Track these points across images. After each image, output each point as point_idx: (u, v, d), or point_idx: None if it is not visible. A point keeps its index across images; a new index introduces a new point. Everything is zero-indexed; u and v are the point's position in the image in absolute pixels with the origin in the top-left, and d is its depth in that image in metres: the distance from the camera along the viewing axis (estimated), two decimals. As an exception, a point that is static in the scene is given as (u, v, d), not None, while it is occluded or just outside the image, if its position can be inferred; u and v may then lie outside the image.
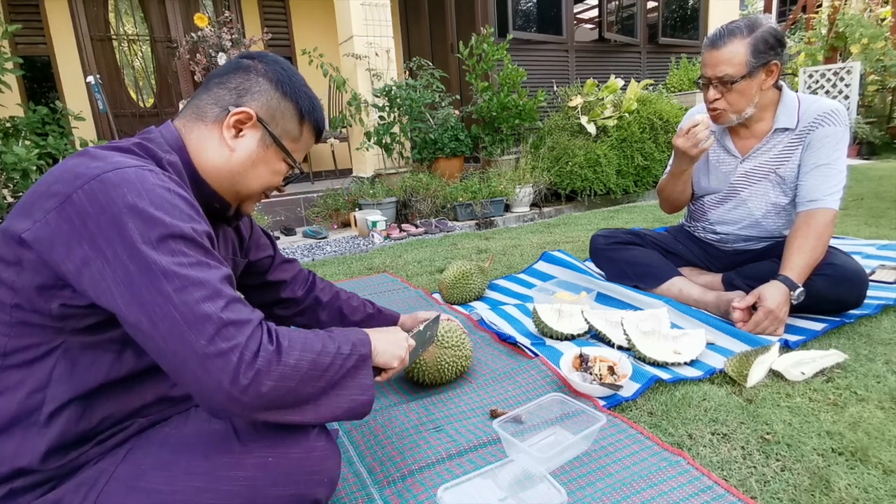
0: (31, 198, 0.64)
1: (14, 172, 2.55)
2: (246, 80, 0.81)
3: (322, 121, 0.90)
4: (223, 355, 0.59)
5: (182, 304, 0.59)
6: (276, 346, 0.64)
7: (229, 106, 0.79)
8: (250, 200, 0.88)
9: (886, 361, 1.25)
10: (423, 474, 0.95)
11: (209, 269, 0.63)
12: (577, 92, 4.54)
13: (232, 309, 0.62)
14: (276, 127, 0.82)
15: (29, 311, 0.63)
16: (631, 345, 1.35)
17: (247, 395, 0.60)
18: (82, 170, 0.62)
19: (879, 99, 6.52)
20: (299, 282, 1.19)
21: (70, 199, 0.60)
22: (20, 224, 0.62)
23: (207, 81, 0.83)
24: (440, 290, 1.93)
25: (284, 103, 0.83)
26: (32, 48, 4.89)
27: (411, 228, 3.41)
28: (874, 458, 0.92)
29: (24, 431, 0.63)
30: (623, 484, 0.90)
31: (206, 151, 0.79)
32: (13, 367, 0.63)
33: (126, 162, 0.65)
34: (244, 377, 0.59)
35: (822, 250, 1.44)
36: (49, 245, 0.60)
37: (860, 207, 3.08)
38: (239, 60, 0.83)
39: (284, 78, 0.83)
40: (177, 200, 0.64)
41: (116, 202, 0.60)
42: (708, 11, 6.50)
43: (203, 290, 0.61)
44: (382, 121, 3.95)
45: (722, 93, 1.52)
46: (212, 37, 4.26)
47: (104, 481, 0.65)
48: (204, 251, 0.65)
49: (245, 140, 0.80)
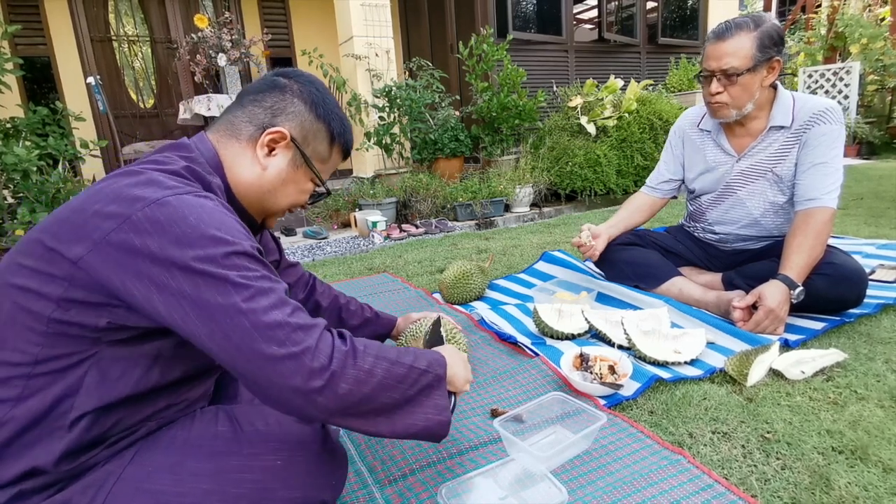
0: (82, 216, 0.63)
1: (14, 173, 2.55)
2: (281, 100, 0.81)
3: (351, 142, 0.91)
4: (295, 358, 0.60)
5: (251, 313, 0.60)
6: (350, 347, 0.65)
7: (264, 124, 0.80)
8: (274, 216, 0.89)
9: (886, 360, 1.25)
10: (424, 473, 0.95)
11: (272, 281, 0.65)
12: (576, 92, 4.55)
13: (298, 315, 0.63)
14: (307, 148, 0.83)
15: (69, 324, 0.62)
16: (631, 344, 1.35)
17: (322, 395, 0.61)
18: (140, 192, 0.63)
19: (879, 99, 6.53)
20: (300, 286, 1.20)
21: (130, 220, 0.60)
22: (76, 245, 0.61)
23: (241, 97, 0.83)
24: (440, 290, 1.93)
25: (317, 125, 0.84)
26: (32, 49, 4.89)
27: (411, 229, 3.42)
28: (874, 456, 0.92)
29: (47, 433, 0.63)
30: (624, 482, 0.90)
31: (238, 168, 0.80)
32: (43, 375, 0.63)
33: (184, 189, 0.66)
34: (319, 378, 0.60)
35: (822, 249, 1.45)
36: (109, 268, 0.60)
37: (860, 207, 3.08)
38: (275, 79, 0.84)
39: (319, 100, 0.84)
40: (231, 222, 0.66)
41: (179, 224, 0.61)
42: (707, 11, 6.50)
43: (270, 298, 0.62)
44: (382, 121, 3.95)
45: (725, 86, 1.52)
46: (212, 37, 4.26)
47: (112, 483, 0.65)
48: (263, 265, 0.66)
49: (277, 159, 0.81)
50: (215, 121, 0.85)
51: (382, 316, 1.31)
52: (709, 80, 1.55)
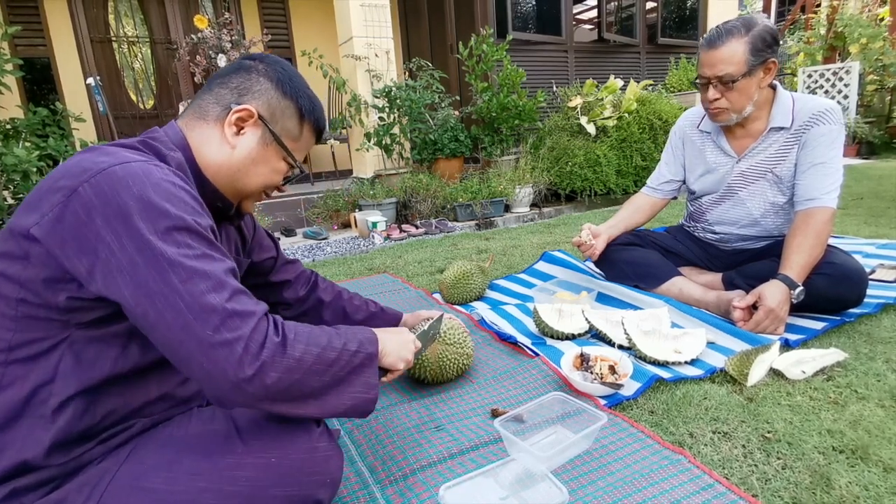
0: (38, 193, 0.65)
1: (14, 174, 2.55)
2: (247, 80, 0.82)
3: (322, 120, 0.91)
4: (228, 345, 0.60)
5: (187, 295, 0.60)
6: (281, 337, 0.65)
7: (231, 104, 0.80)
8: (250, 199, 0.89)
9: (886, 360, 1.25)
10: (425, 473, 0.95)
11: (213, 261, 0.65)
12: (576, 92, 4.55)
13: (237, 300, 0.63)
14: (276, 125, 0.83)
15: (35, 306, 0.63)
16: (632, 344, 1.35)
17: (251, 385, 0.61)
18: (88, 164, 0.64)
19: (878, 98, 6.53)
20: (301, 282, 1.20)
21: (76, 193, 0.61)
22: (28, 219, 0.63)
23: (210, 82, 0.84)
24: (441, 290, 1.93)
25: (285, 102, 0.84)
26: (32, 50, 4.89)
27: (411, 229, 3.42)
28: (875, 455, 0.92)
29: (29, 424, 0.64)
30: (624, 482, 0.90)
31: (207, 149, 0.80)
32: (18, 362, 0.64)
33: (132, 157, 0.66)
34: (249, 367, 0.60)
35: (822, 249, 1.45)
36: (57, 238, 0.61)
37: (860, 207, 3.08)
38: (241, 62, 0.85)
39: (285, 78, 0.84)
40: (181, 194, 0.66)
41: (122, 194, 0.61)
42: (707, 11, 6.51)
43: (208, 281, 0.62)
44: (382, 122, 3.96)
45: (722, 92, 1.52)
46: (211, 38, 4.26)
47: (107, 481, 0.65)
48: (208, 243, 0.66)
49: (246, 138, 0.81)
50: (185, 109, 0.85)
51: (388, 311, 1.30)
52: (705, 86, 1.55)
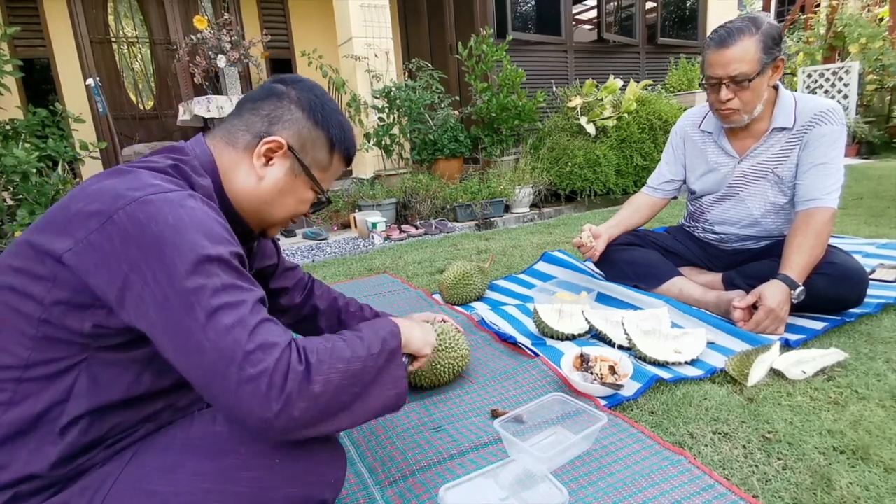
0: (66, 215, 0.63)
1: (14, 175, 2.55)
2: (279, 107, 0.81)
3: (353, 148, 0.90)
4: (253, 381, 0.59)
5: (212, 331, 0.59)
6: (305, 365, 0.63)
7: (261, 133, 0.79)
8: (274, 227, 0.89)
9: (887, 360, 1.25)
10: (425, 474, 0.95)
11: (242, 291, 0.64)
12: (576, 92, 4.55)
13: (261, 332, 0.62)
14: (306, 156, 0.82)
15: (57, 327, 0.62)
16: (632, 344, 1.35)
17: (279, 420, 0.60)
18: (123, 191, 0.63)
19: (878, 98, 6.53)
20: (298, 289, 1.18)
21: (112, 220, 0.61)
22: (59, 242, 0.61)
23: (240, 106, 0.82)
24: (440, 290, 1.93)
25: (316, 132, 0.82)
26: (32, 50, 4.89)
27: (411, 229, 3.41)
28: (875, 456, 0.92)
29: (38, 440, 0.63)
30: (624, 483, 0.90)
31: (235, 176, 0.79)
32: (33, 380, 0.63)
33: (166, 187, 0.65)
34: (276, 403, 0.59)
35: (822, 249, 1.45)
36: (90, 265, 0.60)
37: (860, 206, 3.08)
38: (273, 86, 0.82)
39: (317, 106, 0.82)
40: (215, 225, 0.65)
41: (158, 224, 0.61)
42: (707, 11, 6.51)
43: (234, 314, 0.61)
44: (382, 122, 3.95)
45: (735, 92, 1.49)
46: (211, 39, 4.26)
47: (110, 484, 0.65)
48: (238, 274, 0.65)
49: (274, 169, 0.80)
50: (215, 127, 0.84)
51: (382, 317, 1.30)
52: (716, 87, 1.51)
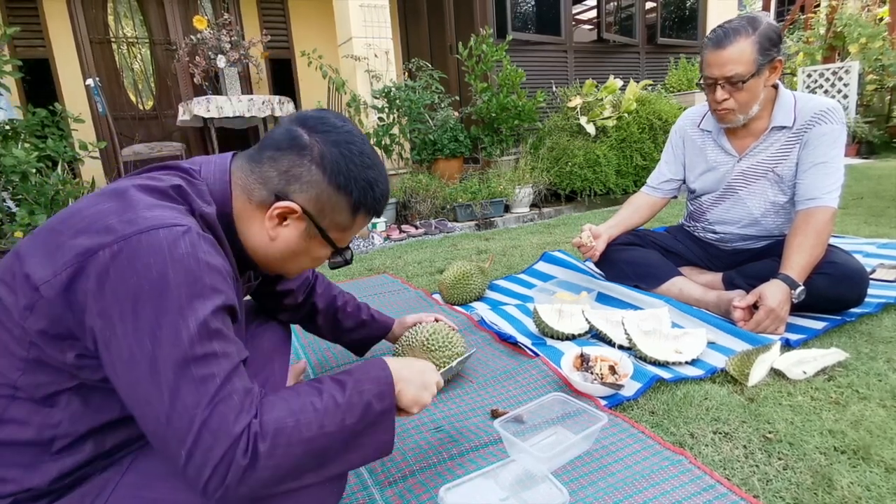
0: (55, 238, 0.60)
1: (13, 175, 2.54)
2: (298, 165, 0.73)
3: (382, 203, 0.82)
4: (197, 469, 0.56)
5: (170, 411, 0.56)
6: (250, 458, 0.57)
7: (276, 192, 0.73)
8: (290, 275, 0.87)
9: (888, 360, 1.25)
10: (425, 474, 0.95)
11: (215, 362, 0.59)
12: (576, 92, 4.55)
13: (214, 419, 0.57)
14: (324, 220, 0.76)
15: (46, 354, 0.61)
16: (632, 344, 1.35)
17: (218, 500, 0.58)
18: (113, 222, 0.59)
19: (878, 98, 6.53)
20: (302, 289, 1.19)
21: (95, 256, 0.58)
22: (38, 270, 0.59)
23: (262, 148, 0.75)
24: (440, 290, 1.93)
25: (336, 197, 0.75)
26: (31, 51, 4.89)
27: (411, 229, 3.41)
28: (876, 456, 0.92)
29: (34, 457, 0.62)
30: (625, 483, 0.90)
31: (248, 227, 0.75)
32: (24, 400, 0.62)
33: (160, 219, 0.61)
34: (216, 492, 0.57)
35: (822, 249, 1.44)
36: (64, 302, 0.58)
37: (860, 206, 3.08)
38: (297, 136, 0.74)
39: (341, 167, 0.74)
40: (203, 273, 0.60)
41: (139, 272, 0.57)
42: (706, 11, 6.51)
43: (196, 395, 0.57)
44: (382, 122, 3.95)
45: (730, 93, 1.50)
46: (211, 39, 4.26)
47: (109, 490, 0.64)
48: (215, 338, 0.60)
49: (288, 230, 0.75)
50: (240, 156, 0.78)
51: (379, 319, 1.30)
52: (712, 87, 1.52)
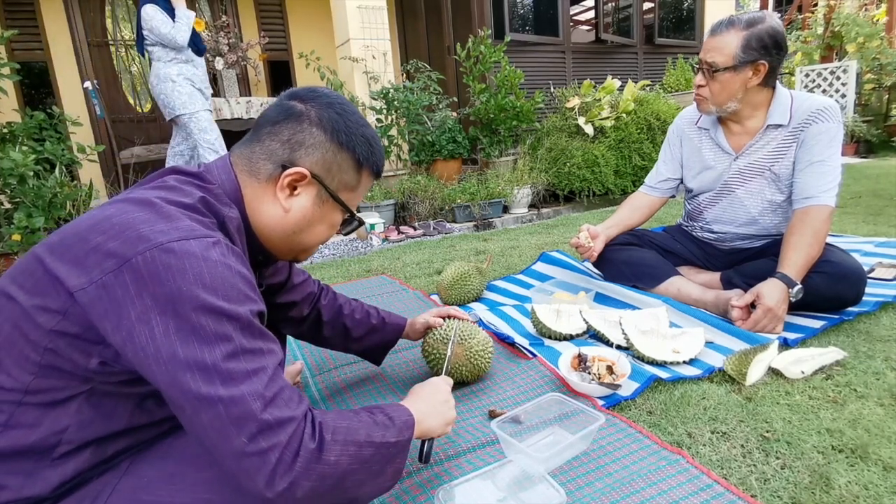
0: (85, 245, 0.60)
1: (11, 178, 2.55)
2: (299, 131, 0.75)
3: (381, 160, 0.84)
4: (262, 455, 0.57)
5: (227, 398, 0.57)
6: (317, 442, 0.61)
7: (282, 163, 0.75)
8: (306, 253, 0.86)
9: (886, 358, 1.25)
10: (421, 475, 0.94)
11: (262, 356, 0.61)
12: (574, 93, 4.55)
13: (277, 404, 0.59)
14: (332, 181, 0.78)
15: (63, 359, 0.61)
16: (630, 344, 1.35)
17: (281, 498, 0.58)
18: (146, 231, 0.60)
19: (876, 97, 6.54)
20: (307, 302, 1.16)
21: (130, 263, 0.58)
22: (73, 277, 0.59)
23: (258, 129, 0.78)
24: (439, 291, 1.92)
25: (341, 155, 0.77)
26: (29, 54, 4.89)
27: (409, 230, 3.41)
28: (874, 455, 0.92)
29: (36, 464, 0.62)
30: (622, 483, 0.90)
31: (260, 209, 0.76)
32: (33, 405, 0.61)
33: (191, 230, 0.62)
34: (281, 481, 0.57)
35: (820, 247, 1.44)
36: (101, 308, 0.58)
37: (858, 205, 3.08)
38: (290, 106, 0.76)
39: (340, 125, 0.77)
40: (236, 280, 0.62)
41: (176, 277, 0.58)
42: (704, 12, 6.52)
43: (251, 383, 0.58)
44: (380, 123, 3.95)
45: (706, 80, 1.55)
46: (209, 41, 4.26)
47: (107, 494, 0.64)
48: (258, 336, 0.62)
49: (300, 199, 0.76)
50: (236, 148, 0.79)
51: (390, 322, 1.25)
52: (699, 70, 1.58)
